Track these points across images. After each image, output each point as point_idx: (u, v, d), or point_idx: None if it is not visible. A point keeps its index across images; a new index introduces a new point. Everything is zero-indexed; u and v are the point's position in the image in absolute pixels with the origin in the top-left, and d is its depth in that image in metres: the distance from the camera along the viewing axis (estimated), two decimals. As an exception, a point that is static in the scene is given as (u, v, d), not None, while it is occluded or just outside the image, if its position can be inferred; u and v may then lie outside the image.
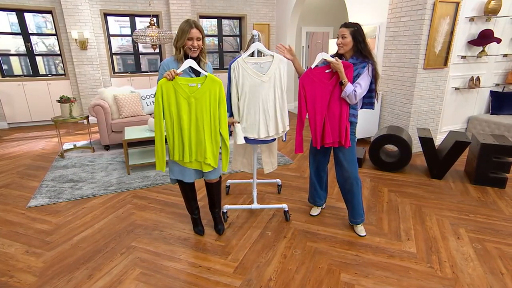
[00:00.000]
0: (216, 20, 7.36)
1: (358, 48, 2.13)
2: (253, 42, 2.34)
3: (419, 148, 4.06)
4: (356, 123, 2.27)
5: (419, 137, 3.42)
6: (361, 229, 2.42)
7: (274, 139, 2.48)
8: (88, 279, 1.93)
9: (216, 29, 7.48)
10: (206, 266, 2.06)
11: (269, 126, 2.34)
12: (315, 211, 2.68)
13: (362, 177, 3.48)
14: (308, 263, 2.09)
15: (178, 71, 1.92)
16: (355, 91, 2.06)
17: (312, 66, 2.17)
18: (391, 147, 4.04)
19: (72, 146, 4.50)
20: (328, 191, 2.80)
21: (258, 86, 2.26)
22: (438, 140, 4.39)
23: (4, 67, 6.05)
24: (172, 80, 1.91)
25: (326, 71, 2.14)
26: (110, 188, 3.19)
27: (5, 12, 5.79)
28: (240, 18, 7.51)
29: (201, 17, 7.11)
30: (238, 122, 2.30)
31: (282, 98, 2.31)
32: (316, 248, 2.25)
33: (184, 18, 6.64)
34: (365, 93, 2.15)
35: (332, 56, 2.23)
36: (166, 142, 2.07)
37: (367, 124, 4.50)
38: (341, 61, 2.09)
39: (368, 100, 2.27)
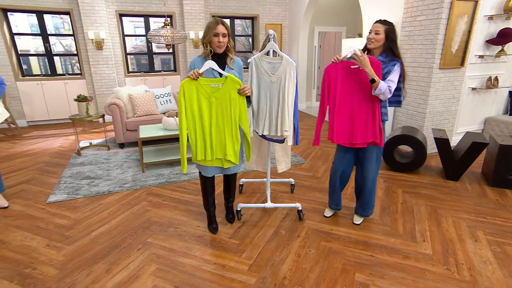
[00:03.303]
0: (228, 20, 7.40)
1: (390, 47, 2.13)
2: (269, 42, 2.36)
3: (434, 149, 4.00)
4: (386, 121, 2.26)
5: (434, 138, 3.37)
6: (358, 219, 2.55)
7: (283, 140, 2.47)
8: (106, 273, 1.97)
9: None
10: (221, 263, 2.08)
11: (272, 125, 2.37)
12: (330, 212, 2.67)
13: (375, 177, 3.46)
14: (322, 262, 2.09)
15: (201, 71, 1.95)
16: (389, 87, 2.05)
17: (339, 59, 2.14)
18: (405, 148, 3.99)
19: (88, 144, 4.60)
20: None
21: (267, 85, 2.30)
22: (453, 141, 4.31)
23: (24, 67, 6.23)
24: (196, 79, 1.94)
25: (352, 66, 2.11)
26: (125, 185, 3.25)
27: (26, 14, 5.95)
28: (252, 18, 7.53)
29: (214, 17, 7.14)
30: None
31: (283, 101, 2.27)
32: (330, 247, 2.24)
33: (198, 18, 6.71)
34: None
35: (362, 50, 2.20)
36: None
37: (380, 124, 4.44)
38: (368, 57, 2.03)
39: (396, 98, 2.26)
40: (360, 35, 5.89)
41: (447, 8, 3.61)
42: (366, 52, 2.22)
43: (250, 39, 7.88)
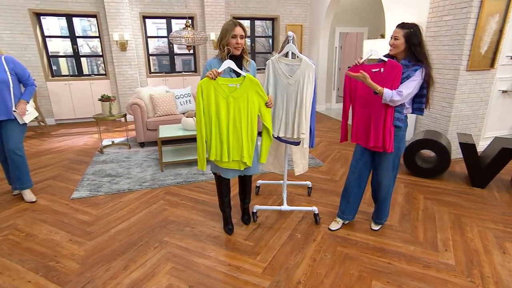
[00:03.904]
0: (248, 21, 7.42)
1: (412, 51, 2.03)
2: (288, 43, 2.35)
3: (459, 154, 3.84)
4: (401, 127, 2.14)
5: (459, 142, 3.22)
6: (376, 225, 2.49)
7: (298, 142, 2.44)
8: (124, 270, 2.02)
9: (249, 30, 7.54)
10: (235, 265, 2.08)
11: (288, 128, 2.35)
12: (335, 225, 2.50)
13: (396, 182, 3.32)
14: (338, 268, 2.05)
15: (220, 70, 1.96)
16: (400, 91, 1.97)
17: (360, 62, 2.13)
18: (428, 153, 3.84)
19: (111, 143, 4.74)
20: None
21: (284, 87, 2.29)
22: (480, 146, 4.11)
23: (54, 67, 6.52)
24: (214, 79, 1.95)
25: (373, 70, 2.07)
26: (144, 184, 3.33)
27: (57, 17, 6.22)
28: (273, 19, 7.51)
29: (234, 18, 7.19)
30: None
31: (301, 104, 2.25)
32: (347, 253, 2.20)
33: (218, 19, 6.77)
34: (412, 95, 2.06)
35: (385, 55, 2.15)
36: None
37: (402, 127, 4.31)
38: (388, 60, 2.03)
39: (418, 106, 2.16)
40: (382, 36, 5.73)
41: (476, 6, 3.45)
42: (393, 58, 2.15)
43: (270, 40, 7.87)
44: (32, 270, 2.04)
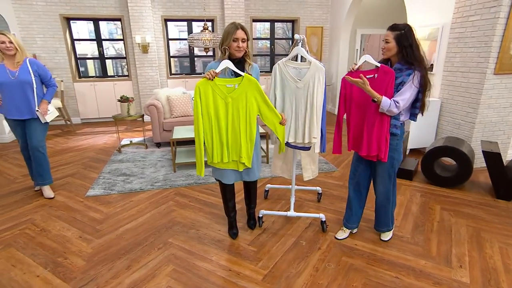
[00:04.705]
0: (269, 23, 7.39)
1: (403, 54, 1.92)
2: (297, 46, 2.30)
3: (484, 163, 3.59)
4: (397, 135, 2.03)
5: (482, 151, 3.01)
6: (385, 235, 2.36)
7: (309, 148, 2.38)
8: (127, 270, 2.05)
9: (269, 32, 7.52)
10: (236, 271, 2.05)
11: (298, 132, 2.29)
12: (342, 234, 2.41)
13: (411, 190, 3.19)
14: (341, 279, 1.96)
15: (217, 70, 1.95)
16: (397, 102, 1.88)
17: (355, 68, 2.05)
18: (448, 160, 3.63)
19: (129, 142, 4.87)
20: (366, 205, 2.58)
21: (293, 91, 2.23)
22: (509, 155, 3.84)
23: (82, 69, 6.81)
24: (211, 80, 1.94)
25: (367, 76, 1.98)
26: (156, 184, 3.38)
27: (85, 21, 6.51)
28: (293, 21, 7.44)
29: (254, 20, 7.20)
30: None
31: (312, 107, 2.19)
32: (352, 264, 2.10)
33: (238, 21, 6.78)
34: (410, 102, 1.95)
35: (380, 61, 2.07)
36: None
37: (422, 133, 4.11)
38: (380, 66, 1.95)
39: (411, 111, 2.05)
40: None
41: (507, 6, 3.22)
42: (388, 63, 2.06)
43: (290, 42, 7.79)
44: (41, 265, 2.12)
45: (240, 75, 2.00)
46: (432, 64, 4.16)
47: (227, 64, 1.97)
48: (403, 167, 3.45)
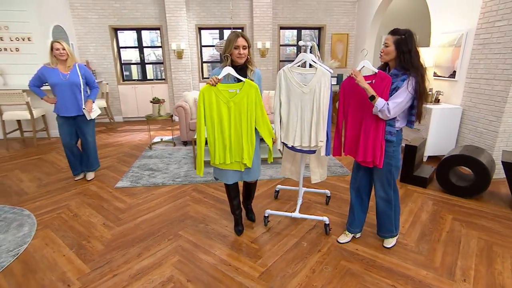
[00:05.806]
0: (295, 30, 7.29)
1: (401, 59, 1.80)
2: (305, 52, 2.24)
3: (507, 174, 3.25)
4: (392, 141, 1.92)
5: (502, 161, 2.73)
6: (388, 242, 2.21)
7: (314, 151, 2.30)
8: (137, 257, 2.13)
9: (295, 39, 7.41)
10: (235, 266, 2.04)
11: (304, 137, 2.21)
12: (344, 238, 2.31)
13: (424, 198, 2.98)
14: (335, 283, 1.88)
15: (219, 76, 1.96)
16: (388, 105, 1.76)
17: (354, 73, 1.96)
18: (466, 169, 3.33)
19: (159, 140, 5.06)
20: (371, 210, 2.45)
21: (298, 96, 2.17)
22: (537, 166, 3.43)
23: (126, 73, 7.21)
24: (214, 85, 1.95)
25: (366, 82, 1.89)
26: (177, 179, 3.47)
27: (130, 31, 6.90)
28: (319, 28, 7.27)
29: (282, 28, 7.13)
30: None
31: (318, 112, 2.12)
32: (349, 268, 2.01)
33: (266, 29, 6.78)
34: (404, 108, 1.83)
35: (379, 67, 1.97)
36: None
37: (442, 141, 3.82)
38: (378, 72, 1.87)
39: (408, 118, 1.93)
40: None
41: (535, 11, 2.89)
42: (387, 67, 1.96)
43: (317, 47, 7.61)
44: (68, 246, 2.27)
45: (242, 81, 2.00)
46: (454, 71, 3.85)
47: (229, 70, 1.97)
48: (417, 174, 3.23)
